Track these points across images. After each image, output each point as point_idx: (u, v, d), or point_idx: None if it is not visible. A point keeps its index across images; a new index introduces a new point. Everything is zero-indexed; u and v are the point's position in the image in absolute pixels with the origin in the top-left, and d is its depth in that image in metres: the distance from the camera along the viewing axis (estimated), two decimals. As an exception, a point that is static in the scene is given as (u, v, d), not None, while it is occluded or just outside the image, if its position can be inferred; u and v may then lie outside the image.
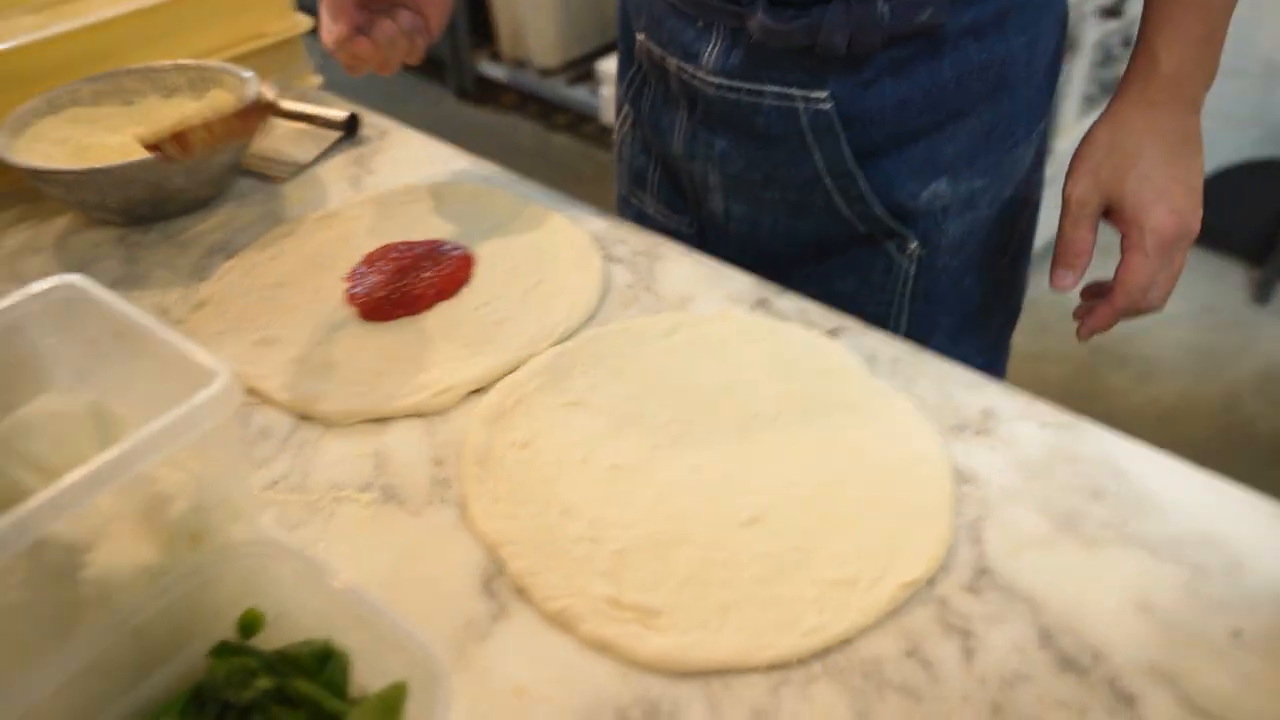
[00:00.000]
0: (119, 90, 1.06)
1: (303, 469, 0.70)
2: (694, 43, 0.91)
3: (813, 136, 0.88)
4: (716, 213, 0.99)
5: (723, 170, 0.94)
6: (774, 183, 0.92)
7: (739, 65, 0.88)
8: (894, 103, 0.86)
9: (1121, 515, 0.62)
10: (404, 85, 3.96)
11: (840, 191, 0.89)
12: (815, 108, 0.86)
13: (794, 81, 0.86)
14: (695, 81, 0.91)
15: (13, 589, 0.50)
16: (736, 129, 0.91)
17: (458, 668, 0.57)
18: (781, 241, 0.95)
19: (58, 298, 0.57)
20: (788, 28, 0.83)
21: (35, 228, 1.01)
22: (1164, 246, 0.82)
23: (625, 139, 1.10)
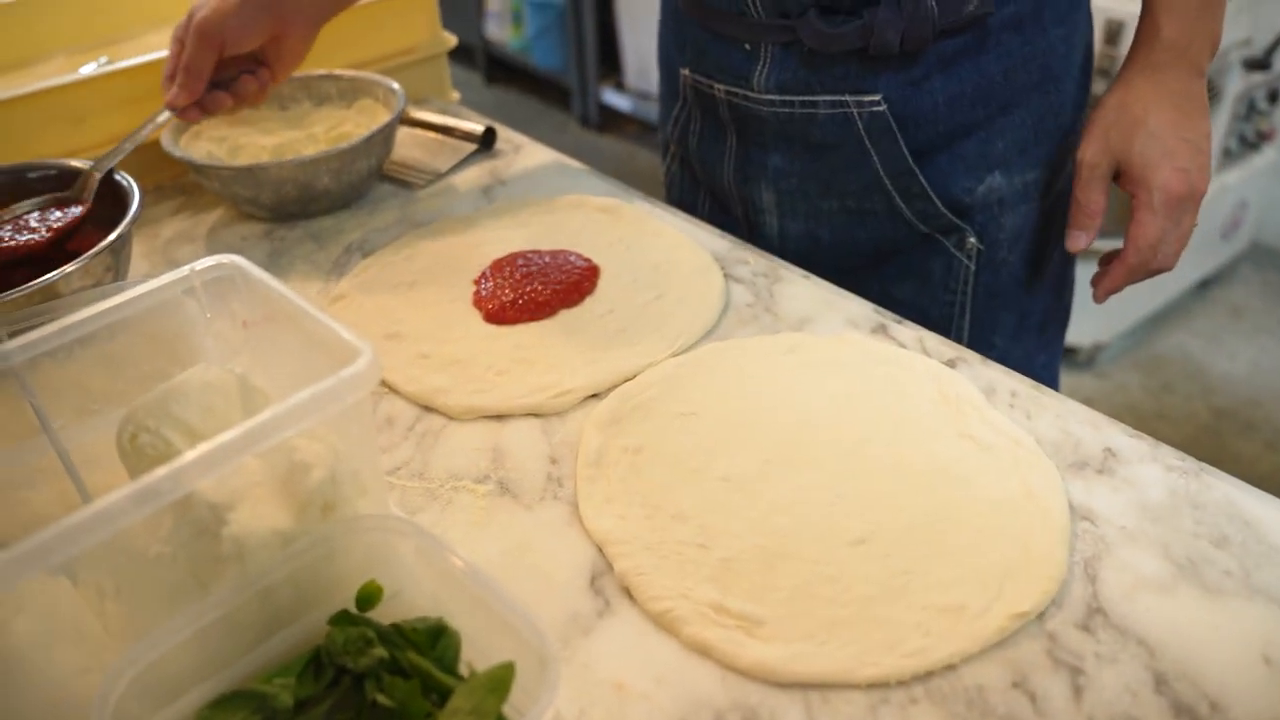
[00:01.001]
0: (275, 95, 1.13)
1: (423, 458, 0.73)
2: (743, 65, 0.94)
3: (870, 139, 0.91)
4: (771, 235, 1.02)
5: (777, 187, 0.97)
6: (832, 191, 0.95)
7: (791, 79, 0.91)
8: (945, 99, 0.89)
9: (1247, 565, 0.60)
10: (531, 110, 4.06)
11: (900, 191, 0.93)
12: (870, 110, 0.90)
13: (846, 88, 0.90)
14: (747, 103, 0.95)
15: (160, 541, 0.53)
16: (791, 143, 0.95)
17: (562, 658, 0.58)
18: (840, 253, 0.98)
19: (217, 275, 0.61)
20: (841, 31, 0.86)
21: (191, 219, 1.07)
22: (1171, 204, 0.85)
23: (674, 179, 1.14)
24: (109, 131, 1.08)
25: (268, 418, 0.49)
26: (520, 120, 3.89)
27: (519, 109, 4.10)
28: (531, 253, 0.92)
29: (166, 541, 0.53)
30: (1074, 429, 0.71)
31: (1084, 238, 0.90)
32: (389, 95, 1.10)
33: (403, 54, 1.27)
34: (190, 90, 0.93)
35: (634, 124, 3.82)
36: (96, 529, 0.45)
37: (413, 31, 1.27)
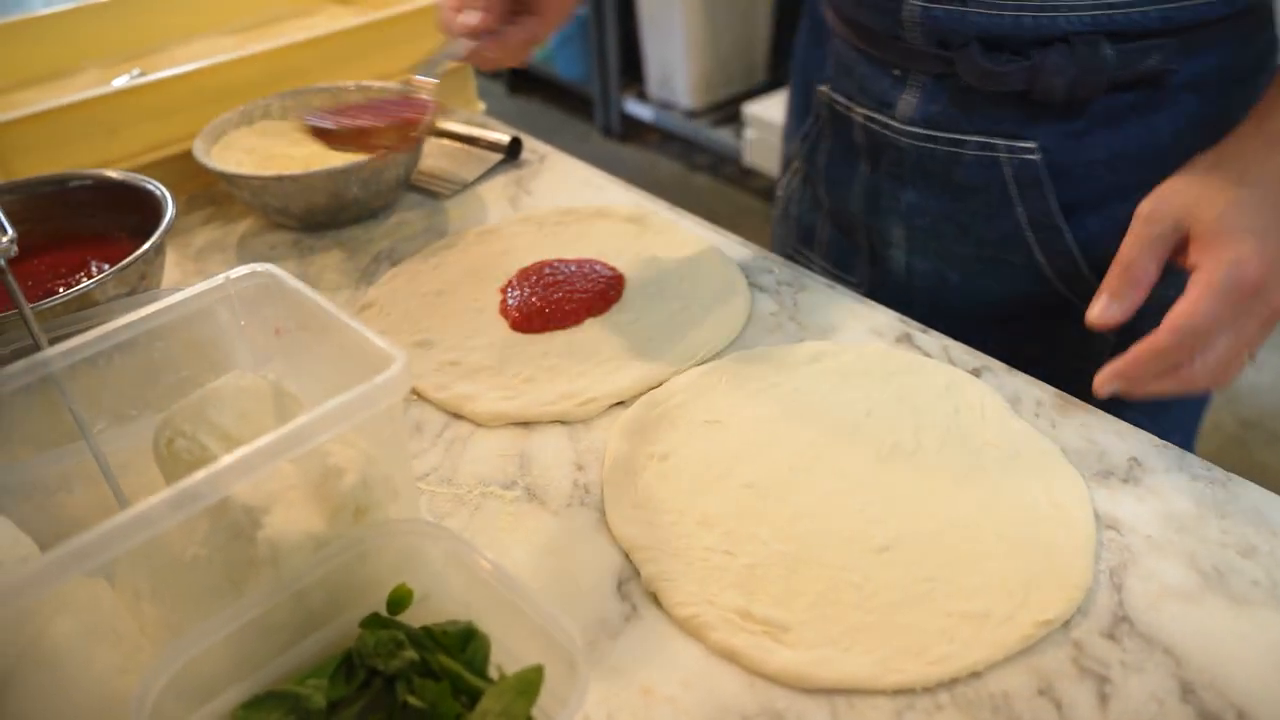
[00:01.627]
0: (305, 106, 1.14)
1: (452, 464, 0.74)
2: (888, 91, 0.88)
3: (1016, 188, 0.84)
4: (897, 270, 0.95)
5: (909, 224, 0.91)
6: (969, 236, 0.88)
7: (939, 114, 0.85)
8: (1106, 156, 0.81)
9: (1274, 575, 0.60)
10: (553, 120, 4.09)
11: (1042, 246, 0.85)
12: (1021, 158, 0.82)
13: (999, 131, 0.83)
14: (887, 132, 0.89)
15: (196, 544, 0.54)
16: (929, 180, 0.88)
17: (589, 662, 0.58)
18: (969, 299, 0.91)
19: (252, 284, 0.62)
20: (1003, 70, 0.79)
21: (221, 228, 1.09)
22: (1239, 290, 0.63)
23: (793, 195, 1.07)
24: (142, 142, 1.10)
25: (302, 423, 0.50)
26: (543, 130, 3.90)
27: (542, 118, 4.12)
28: (558, 262, 0.93)
29: (202, 544, 0.54)
30: (1100, 438, 0.71)
31: (1115, 307, 0.68)
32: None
33: (429, 65, 1.28)
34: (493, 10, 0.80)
35: (656, 133, 3.84)
36: (135, 532, 0.46)
37: (439, 43, 1.28)
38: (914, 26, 0.83)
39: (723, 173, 3.55)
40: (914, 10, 0.82)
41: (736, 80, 3.59)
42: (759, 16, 3.52)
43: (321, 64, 1.19)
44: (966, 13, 0.79)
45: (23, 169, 1.03)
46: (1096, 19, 0.77)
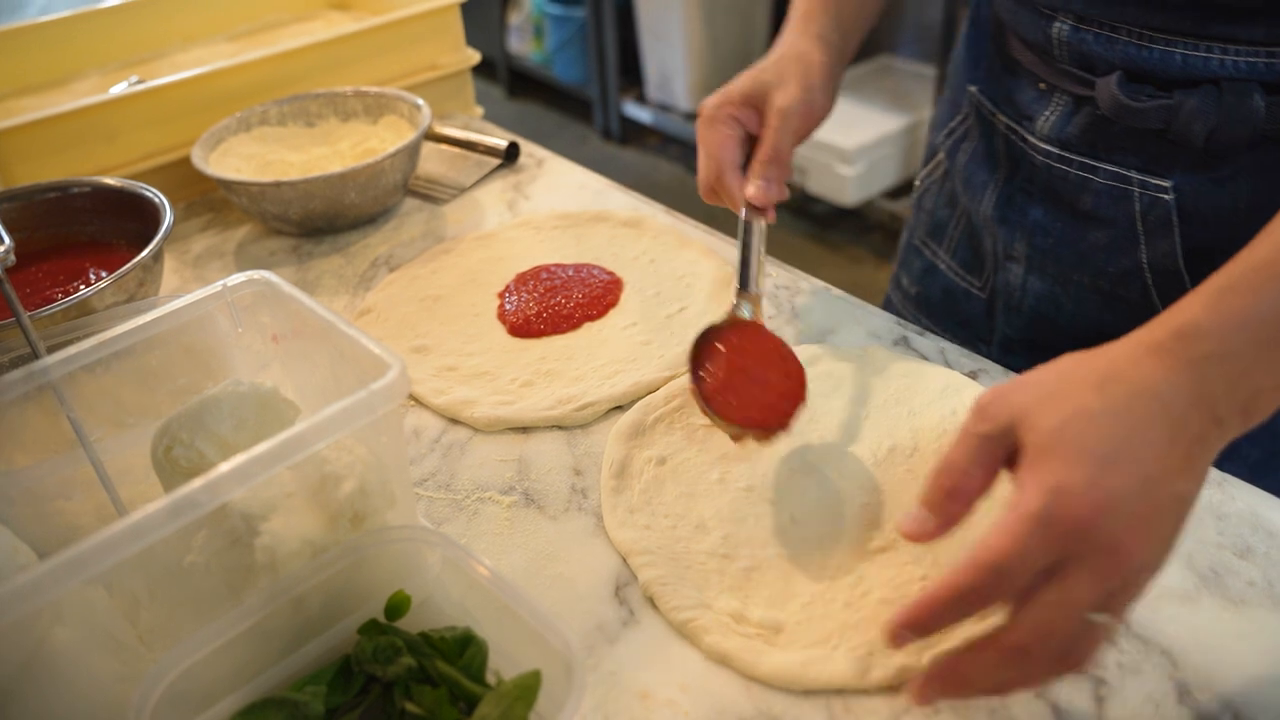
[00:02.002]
0: (302, 112, 1.14)
1: (450, 469, 0.74)
2: (1031, 104, 0.84)
3: (1143, 226, 0.79)
4: (1013, 284, 0.91)
5: (1031, 241, 0.87)
6: (1088, 265, 0.84)
7: (1076, 136, 0.81)
8: (1247, 206, 0.75)
9: (1270, 575, 0.60)
10: (552, 123, 4.09)
11: (1159, 289, 0.80)
12: (1153, 196, 0.77)
13: (1135, 164, 0.78)
14: (1024, 145, 0.85)
15: (194, 551, 0.54)
16: (1058, 202, 0.84)
17: (587, 667, 0.59)
18: (1081, 327, 0.86)
19: (249, 291, 0.62)
20: (1142, 106, 0.74)
21: (219, 234, 1.09)
22: (1058, 527, 0.47)
23: (930, 187, 1.03)
24: (141, 149, 1.10)
25: (299, 430, 0.50)
26: (542, 133, 3.91)
27: (541, 122, 4.13)
28: (555, 266, 0.93)
29: (200, 551, 0.54)
30: (1096, 439, 0.71)
31: (930, 523, 0.53)
32: (414, 111, 1.11)
33: (427, 70, 1.28)
34: (778, 182, 0.77)
35: (655, 136, 3.84)
36: (133, 540, 0.46)
37: (437, 48, 1.29)
38: (1061, 45, 0.79)
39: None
40: (1063, 28, 0.78)
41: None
42: (758, 18, 3.53)
43: (319, 70, 1.20)
44: (1115, 40, 0.75)
45: (22, 176, 1.03)
46: (1254, 65, 0.70)
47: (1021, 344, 0.92)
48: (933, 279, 1.02)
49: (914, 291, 1.05)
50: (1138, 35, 0.74)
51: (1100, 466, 0.48)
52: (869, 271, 2.99)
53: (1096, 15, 0.75)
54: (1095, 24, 0.76)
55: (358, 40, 1.22)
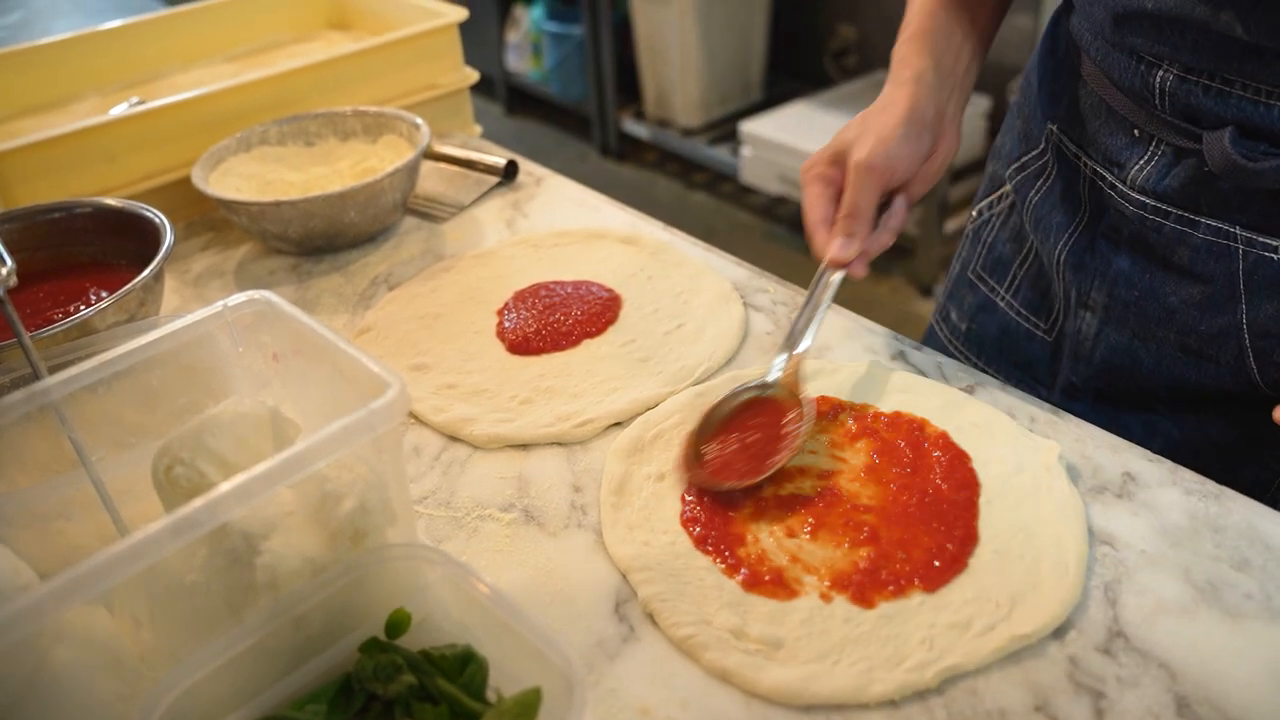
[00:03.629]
0: (302, 132, 1.15)
1: (450, 487, 0.74)
2: (1123, 151, 0.79)
3: (1245, 286, 0.74)
4: (1085, 333, 0.86)
5: (1113, 292, 0.82)
6: (1175, 322, 0.79)
7: (1176, 189, 0.75)
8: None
9: (1268, 588, 0.61)
10: (551, 140, 4.10)
11: (1258, 353, 0.75)
12: (1259, 254, 0.72)
13: (1241, 221, 0.72)
14: (1113, 192, 0.80)
15: (195, 570, 0.54)
16: (1149, 254, 0.79)
17: (587, 684, 0.59)
18: (1159, 382, 0.82)
19: (249, 310, 0.63)
20: (1258, 167, 0.69)
21: (220, 254, 1.09)
22: None
23: (993, 220, 0.98)
24: (141, 169, 1.11)
25: (300, 449, 0.51)
26: (540, 150, 3.93)
27: (539, 139, 4.14)
28: (554, 283, 0.94)
29: (201, 570, 0.54)
30: (1093, 453, 0.72)
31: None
32: (412, 130, 1.12)
33: (426, 89, 1.29)
34: (860, 238, 0.78)
35: (654, 152, 3.85)
36: (134, 560, 0.46)
37: (436, 68, 1.30)
38: (1164, 95, 0.73)
39: (720, 190, 3.56)
40: (1169, 78, 0.72)
41: (733, 98, 3.61)
42: (755, 35, 3.54)
43: (319, 90, 1.20)
44: (1229, 94, 0.70)
45: (23, 197, 1.03)
46: None
47: (1087, 392, 0.88)
48: (989, 316, 0.97)
49: (964, 327, 1.01)
50: (1254, 90, 0.69)
51: None
52: (866, 286, 3.00)
53: (1207, 67, 0.70)
54: (1206, 75, 0.70)
55: (357, 60, 1.23)
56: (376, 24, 1.47)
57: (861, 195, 0.78)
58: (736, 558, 0.65)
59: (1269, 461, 0.79)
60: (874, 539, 0.65)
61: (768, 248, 3.21)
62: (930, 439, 0.73)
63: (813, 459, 0.72)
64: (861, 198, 0.78)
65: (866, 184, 0.78)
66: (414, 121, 1.12)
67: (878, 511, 0.67)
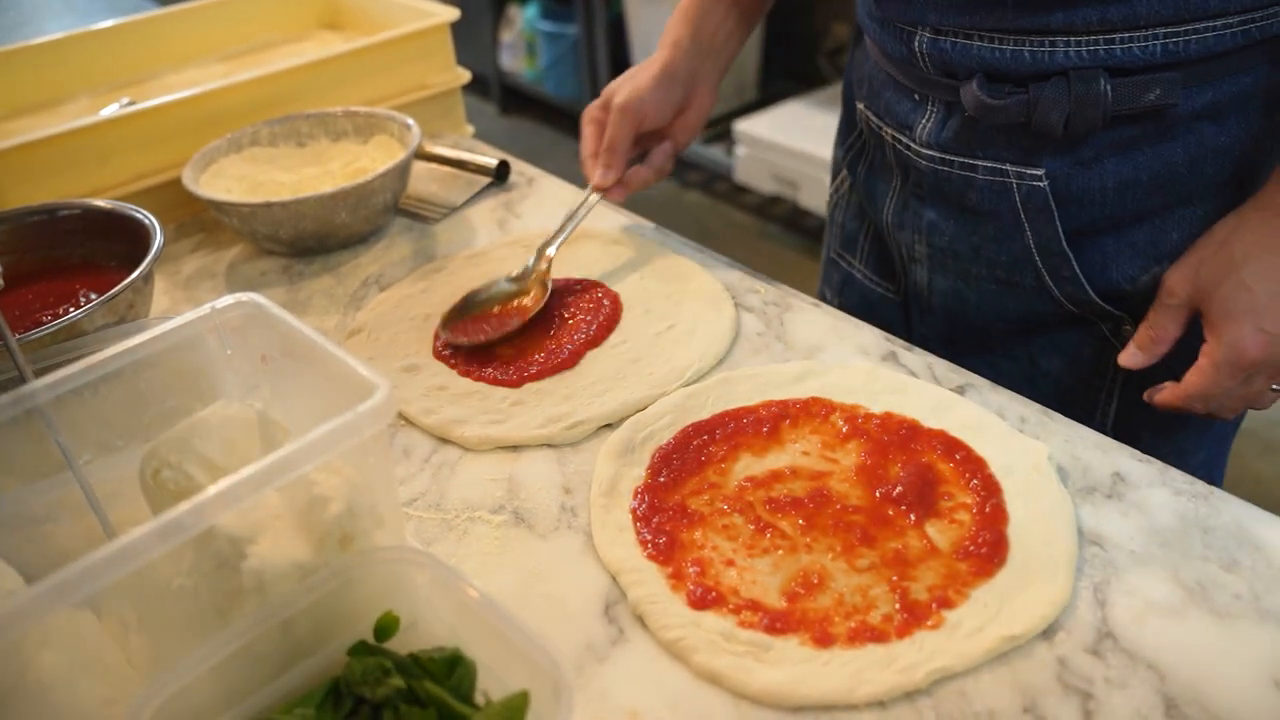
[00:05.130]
0: (293, 132, 1.15)
1: (440, 489, 0.74)
2: (910, 114, 0.90)
3: (1025, 214, 0.85)
4: (920, 284, 0.97)
5: (930, 241, 0.93)
6: (982, 258, 0.90)
7: (952, 138, 0.86)
8: (1115, 184, 0.81)
9: (1256, 589, 0.61)
10: (545, 139, 4.10)
11: (1051, 271, 0.86)
12: (1029, 185, 0.83)
13: (1008, 157, 0.84)
14: (909, 153, 0.91)
15: (181, 574, 0.54)
16: (947, 201, 0.90)
17: (576, 686, 0.59)
18: (987, 317, 0.92)
19: (236, 313, 0.63)
20: (1002, 103, 0.80)
21: (210, 255, 1.09)
22: (1239, 365, 0.75)
23: (840, 202, 1.10)
24: (132, 170, 1.11)
25: (287, 452, 0.51)
26: (535, 149, 3.92)
27: (534, 138, 4.14)
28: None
29: (188, 574, 0.54)
30: (1083, 454, 0.72)
31: (1140, 357, 0.81)
32: (404, 131, 1.12)
33: (417, 89, 1.29)
34: (616, 168, 0.96)
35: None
36: (121, 564, 0.46)
37: (427, 68, 1.30)
38: (924, 56, 0.85)
39: (714, 189, 3.56)
40: (924, 41, 0.84)
41: (727, 98, 3.61)
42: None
43: (310, 90, 1.20)
44: (970, 45, 0.81)
45: (13, 198, 1.03)
46: (1095, 53, 0.76)
47: (936, 341, 0.97)
48: (851, 288, 1.08)
49: (837, 303, 1.12)
50: (989, 39, 0.80)
51: (1260, 316, 0.74)
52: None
53: (950, 25, 0.82)
54: (950, 33, 0.82)
55: (348, 61, 1.22)
56: (368, 24, 1.47)
57: (616, 131, 0.96)
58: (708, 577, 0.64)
59: (1092, 380, 0.90)
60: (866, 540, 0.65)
61: (762, 247, 3.21)
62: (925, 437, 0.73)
63: (804, 460, 0.72)
64: (616, 134, 0.96)
65: (620, 122, 0.95)
66: (405, 122, 1.12)
67: (867, 512, 0.67)
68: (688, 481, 0.71)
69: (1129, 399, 0.88)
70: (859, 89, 1.00)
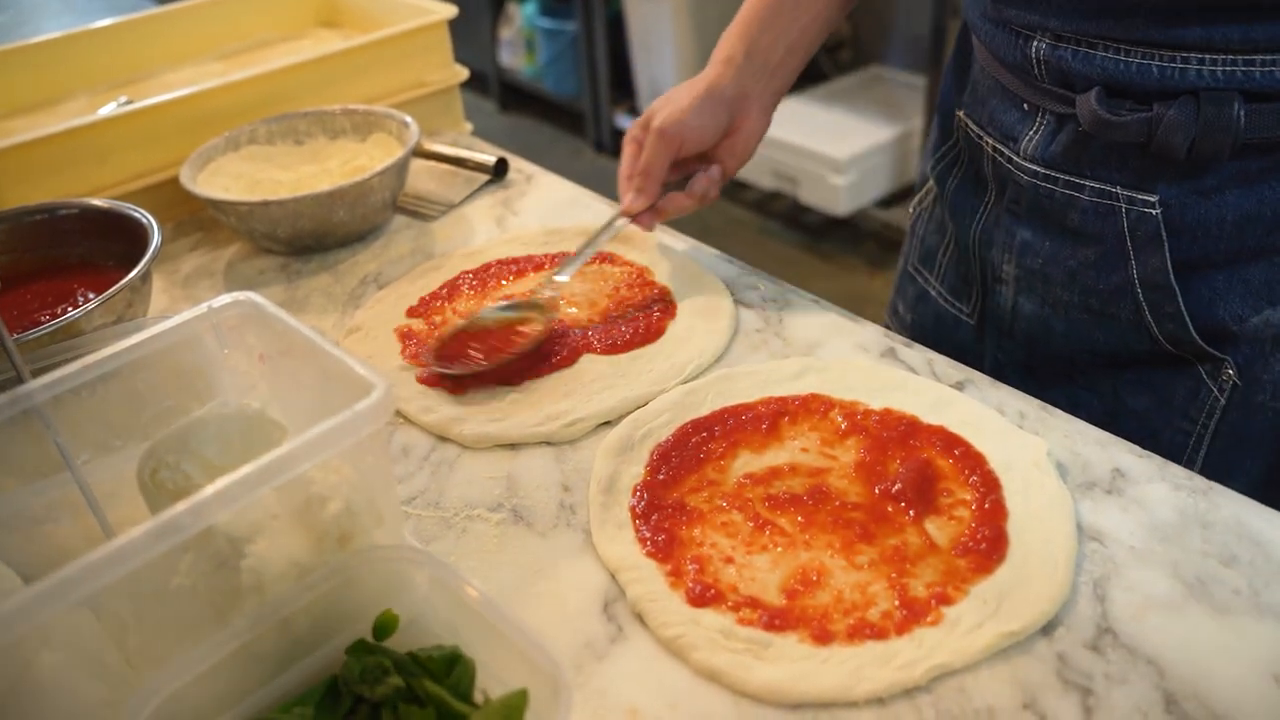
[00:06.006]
0: (291, 131, 1.15)
1: (438, 487, 0.74)
2: (1015, 125, 0.85)
3: (1132, 242, 0.79)
4: (1003, 308, 0.92)
5: (1020, 262, 0.88)
6: (1077, 284, 0.85)
7: (1060, 154, 0.81)
8: (1235, 217, 0.76)
9: (1256, 584, 0.61)
10: (545, 136, 4.09)
11: (1152, 306, 0.81)
12: (1140, 210, 0.78)
13: (1120, 180, 0.79)
14: (1010, 166, 0.86)
15: (179, 574, 0.54)
16: (1046, 221, 0.85)
17: (575, 684, 0.59)
18: (1074, 347, 0.87)
19: (234, 312, 0.63)
20: (1122, 120, 0.75)
21: (209, 254, 1.09)
22: None
23: (923, 214, 1.05)
24: (130, 169, 1.11)
25: (284, 452, 0.51)
26: (534, 146, 3.92)
27: (533, 135, 4.13)
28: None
29: (187, 574, 0.54)
30: (1082, 449, 0.72)
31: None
32: (402, 129, 1.11)
33: (415, 87, 1.29)
34: (648, 194, 0.91)
35: (647, 148, 3.85)
36: (119, 564, 0.46)
37: (425, 65, 1.30)
38: (1041, 64, 0.80)
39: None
40: (1042, 48, 0.79)
41: (726, 94, 3.61)
42: (747, 30, 3.54)
43: (308, 88, 1.20)
44: (1093, 55, 0.76)
45: (12, 198, 1.03)
46: (1231, 74, 0.71)
47: (1012, 368, 0.92)
48: (925, 306, 1.03)
49: (909, 319, 1.07)
50: (1114, 49, 0.75)
51: None
52: (862, 281, 3.00)
53: (1073, 31, 0.76)
54: (1072, 40, 0.77)
55: (346, 58, 1.22)
56: (366, 21, 1.46)
57: (651, 157, 0.90)
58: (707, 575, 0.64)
59: (1181, 424, 0.83)
60: (865, 537, 0.65)
61: (762, 243, 3.21)
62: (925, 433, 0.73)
63: (803, 457, 0.72)
64: (651, 159, 0.90)
65: (656, 148, 0.90)
66: (403, 120, 1.12)
67: (867, 509, 0.67)
68: (687, 479, 0.71)
69: (1220, 451, 0.82)
70: (959, 95, 0.94)
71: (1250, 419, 0.80)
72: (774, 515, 0.67)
